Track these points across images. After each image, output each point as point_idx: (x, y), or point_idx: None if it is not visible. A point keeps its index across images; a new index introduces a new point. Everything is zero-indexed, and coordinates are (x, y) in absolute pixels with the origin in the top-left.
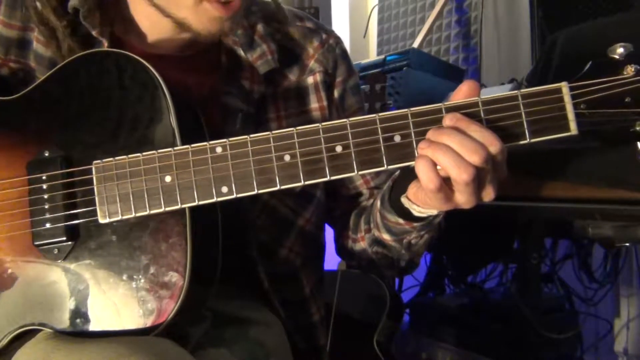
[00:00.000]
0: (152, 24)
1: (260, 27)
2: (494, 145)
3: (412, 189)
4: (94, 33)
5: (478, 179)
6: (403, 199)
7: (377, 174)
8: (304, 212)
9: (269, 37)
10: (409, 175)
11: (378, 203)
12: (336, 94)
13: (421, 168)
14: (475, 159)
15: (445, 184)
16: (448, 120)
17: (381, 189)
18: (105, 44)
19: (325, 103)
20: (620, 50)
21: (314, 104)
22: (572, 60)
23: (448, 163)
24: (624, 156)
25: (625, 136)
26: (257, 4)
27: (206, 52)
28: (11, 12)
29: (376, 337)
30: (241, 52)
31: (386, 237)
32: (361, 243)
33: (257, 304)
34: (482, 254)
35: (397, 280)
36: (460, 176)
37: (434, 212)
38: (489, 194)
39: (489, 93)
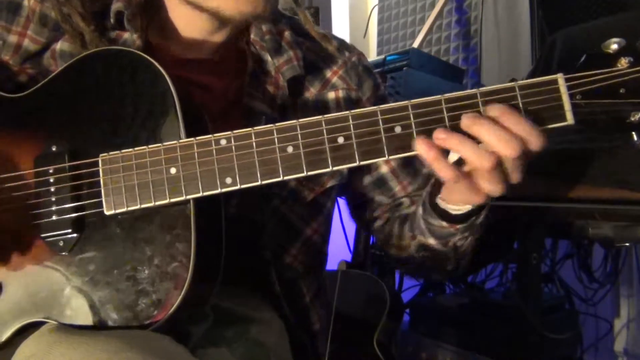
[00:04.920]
0: (187, 24)
1: (288, 34)
2: (535, 144)
3: (444, 190)
4: (134, 37)
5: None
6: (438, 200)
7: (414, 178)
8: (312, 222)
9: (296, 45)
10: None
11: (420, 210)
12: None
13: (432, 160)
14: (510, 152)
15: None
16: (495, 111)
17: (419, 188)
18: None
19: None
20: (614, 46)
21: None
22: (572, 60)
23: (467, 153)
24: (625, 156)
25: (621, 126)
26: (286, 17)
27: (235, 56)
28: (41, 30)
29: (376, 337)
30: (268, 57)
31: (431, 241)
32: (406, 250)
33: (258, 303)
34: (482, 254)
35: (397, 280)
36: (482, 164)
37: (468, 207)
38: (516, 178)
39: None
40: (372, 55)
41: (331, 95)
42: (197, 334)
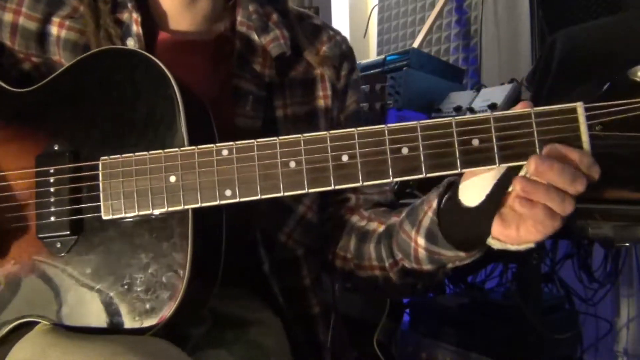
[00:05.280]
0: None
1: (275, 16)
2: (596, 173)
3: (498, 229)
4: (129, 6)
5: None
6: (493, 241)
7: None
8: (304, 199)
9: (282, 25)
10: (468, 211)
11: (422, 242)
12: (339, 85)
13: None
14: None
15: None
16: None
17: (369, 198)
18: (135, 28)
19: (329, 92)
20: None
21: (318, 92)
22: (572, 60)
23: (553, 198)
24: (626, 156)
25: None
26: (271, 2)
27: (224, 39)
28: (35, 5)
29: (376, 337)
30: (255, 37)
31: (427, 267)
32: (370, 272)
33: (257, 305)
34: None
35: None
36: (564, 209)
37: (531, 244)
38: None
39: (489, 93)
40: (372, 55)
41: (317, 71)
42: (196, 336)
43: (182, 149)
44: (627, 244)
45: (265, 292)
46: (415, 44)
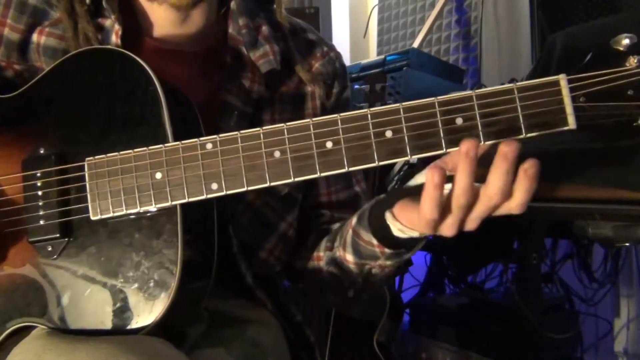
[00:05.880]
0: (151, 11)
1: (265, 29)
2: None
3: (400, 206)
4: (112, 18)
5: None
6: (387, 214)
7: (343, 189)
8: (287, 216)
9: (273, 40)
10: (397, 194)
11: (354, 220)
12: (329, 104)
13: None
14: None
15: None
16: (500, 157)
17: (343, 203)
18: (114, 38)
19: (318, 111)
20: (626, 41)
21: (307, 110)
22: (572, 60)
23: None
24: (624, 156)
25: (627, 131)
26: (264, 11)
27: (213, 51)
28: (19, 17)
29: (376, 337)
30: (244, 51)
31: (349, 258)
32: (316, 262)
33: (255, 304)
34: (482, 254)
35: (397, 280)
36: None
37: (416, 234)
38: (471, 226)
39: None
40: (372, 55)
41: (309, 88)
42: (194, 335)
43: (166, 145)
44: (627, 244)
45: (253, 299)
46: (415, 44)
